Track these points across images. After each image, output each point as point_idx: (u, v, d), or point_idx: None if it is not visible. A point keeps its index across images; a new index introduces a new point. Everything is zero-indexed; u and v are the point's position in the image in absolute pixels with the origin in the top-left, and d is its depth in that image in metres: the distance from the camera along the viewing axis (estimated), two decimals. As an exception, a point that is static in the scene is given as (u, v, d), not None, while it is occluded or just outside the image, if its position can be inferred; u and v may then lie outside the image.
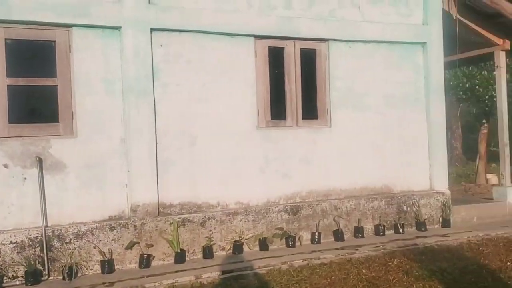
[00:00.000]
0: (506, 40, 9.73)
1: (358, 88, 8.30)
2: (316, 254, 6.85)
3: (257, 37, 7.55)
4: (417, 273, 5.81)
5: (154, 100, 6.87)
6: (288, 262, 6.45)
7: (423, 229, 8.29)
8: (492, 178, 14.78)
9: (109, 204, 6.67)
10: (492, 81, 13.68)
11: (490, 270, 5.92)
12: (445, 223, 8.57)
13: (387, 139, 8.50)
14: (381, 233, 7.99)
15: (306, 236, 7.63)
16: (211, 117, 7.26)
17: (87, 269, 6.32)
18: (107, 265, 6.32)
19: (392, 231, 8.17)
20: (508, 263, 6.21)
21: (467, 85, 15.05)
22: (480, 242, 7.38)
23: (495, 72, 10.36)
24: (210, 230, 7.03)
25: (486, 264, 6.21)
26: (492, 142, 19.72)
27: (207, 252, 6.87)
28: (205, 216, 7.04)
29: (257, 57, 7.56)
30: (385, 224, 8.12)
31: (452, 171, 20.20)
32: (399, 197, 8.41)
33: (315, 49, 8.00)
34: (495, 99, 11.04)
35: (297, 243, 7.45)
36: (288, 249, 7.26)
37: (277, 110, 7.78)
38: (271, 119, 7.68)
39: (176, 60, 7.08)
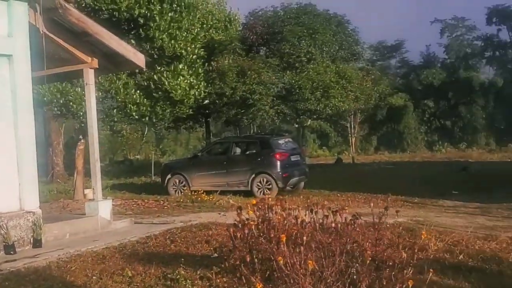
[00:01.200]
0: (94, 59, 10.08)
1: None
2: None
3: None
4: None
5: None
6: None
7: (12, 252, 7.77)
8: (90, 193, 15.13)
9: None
10: (85, 98, 14.04)
11: (76, 287, 5.91)
12: (37, 243, 8.23)
13: (-31, 158, 7.68)
14: (-40, 264, 7.12)
15: None
16: None
17: None
18: None
19: (-26, 259, 7.37)
20: (94, 277, 6.32)
21: (61, 101, 15.08)
22: (70, 259, 7.31)
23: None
24: None
25: (72, 281, 6.19)
26: (92, 158, 20.36)
27: None
28: None
29: None
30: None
31: (53, 188, 20.01)
32: (-14, 221, 7.68)
33: None
34: (89, 115, 11.30)
35: None
36: None
37: None
38: None
39: None
